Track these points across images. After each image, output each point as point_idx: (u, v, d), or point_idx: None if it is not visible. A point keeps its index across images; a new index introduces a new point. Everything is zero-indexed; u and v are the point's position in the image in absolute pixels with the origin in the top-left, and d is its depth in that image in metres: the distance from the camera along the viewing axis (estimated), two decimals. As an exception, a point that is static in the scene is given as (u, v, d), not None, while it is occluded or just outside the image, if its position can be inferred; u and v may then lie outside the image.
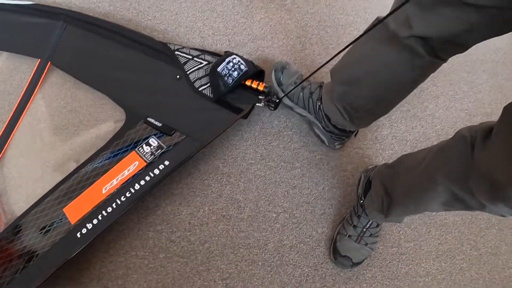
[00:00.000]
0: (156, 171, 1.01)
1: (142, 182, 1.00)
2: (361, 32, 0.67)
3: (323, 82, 1.11)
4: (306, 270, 1.08)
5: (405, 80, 0.82)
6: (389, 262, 1.13)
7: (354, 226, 1.06)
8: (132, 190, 0.99)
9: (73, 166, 1.10)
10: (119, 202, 0.98)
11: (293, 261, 1.09)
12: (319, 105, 1.07)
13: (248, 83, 1.14)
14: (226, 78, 1.11)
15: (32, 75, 1.23)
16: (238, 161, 1.18)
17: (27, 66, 1.26)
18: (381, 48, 0.77)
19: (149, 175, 1.01)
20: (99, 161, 1.06)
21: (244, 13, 1.38)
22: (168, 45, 1.20)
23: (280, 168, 1.18)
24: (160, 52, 1.20)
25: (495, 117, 1.33)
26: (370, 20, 1.42)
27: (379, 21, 0.69)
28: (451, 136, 0.79)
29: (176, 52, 1.19)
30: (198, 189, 1.13)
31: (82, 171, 1.05)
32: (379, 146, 1.25)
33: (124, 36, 1.23)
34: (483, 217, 1.24)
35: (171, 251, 1.06)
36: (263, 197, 1.14)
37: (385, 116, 1.24)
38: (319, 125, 1.13)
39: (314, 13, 1.42)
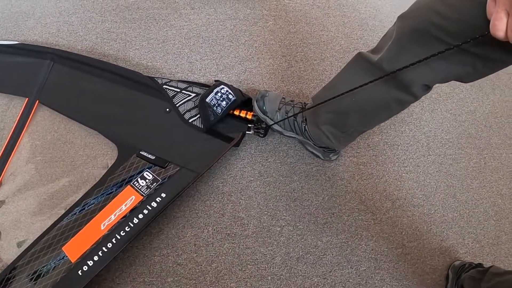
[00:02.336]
0: (154, 204, 1.04)
1: (141, 216, 1.03)
2: (343, 47, 0.75)
3: (305, 103, 1.17)
4: (316, 279, 1.12)
5: (393, 112, 0.91)
6: (396, 264, 1.18)
7: None
8: (131, 225, 1.02)
9: (71, 199, 1.12)
10: (119, 237, 1.00)
11: (301, 272, 1.12)
12: (304, 127, 1.13)
13: (236, 112, 1.21)
14: (215, 108, 1.16)
15: (20, 113, 1.27)
16: (237, 180, 1.22)
17: (15, 105, 1.30)
18: (370, 85, 0.82)
19: (147, 209, 1.04)
20: (95, 197, 1.09)
21: (229, 37, 1.47)
22: (156, 79, 1.26)
23: (279, 183, 1.23)
24: (148, 86, 1.25)
25: (479, 114, 1.45)
26: (350, 34, 1.53)
27: (386, 74, 0.74)
28: (440, 137, 0.86)
29: (164, 86, 1.25)
30: (200, 210, 1.17)
31: (78, 208, 1.08)
32: (372, 153, 1.32)
33: (112, 72, 1.28)
34: (480, 210, 1.31)
35: (179, 274, 1.09)
36: (265, 212, 1.18)
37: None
38: (310, 143, 1.20)
39: (296, 32, 1.51)
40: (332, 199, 1.23)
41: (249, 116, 1.21)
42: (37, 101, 1.27)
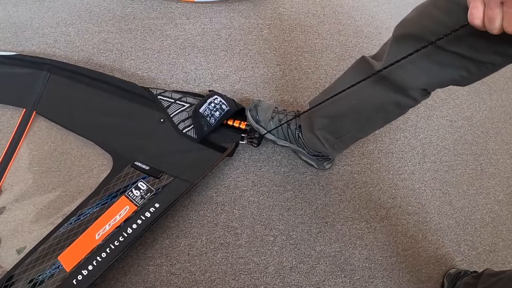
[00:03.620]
0: (148, 214, 1.07)
1: (134, 226, 1.05)
2: (338, 55, 0.77)
3: (298, 111, 1.20)
4: (309, 289, 1.14)
5: (391, 116, 0.92)
6: (390, 272, 1.19)
7: None
8: (125, 234, 1.04)
9: (68, 209, 1.15)
10: (112, 247, 1.02)
11: (294, 281, 1.14)
12: (298, 134, 1.15)
13: (230, 122, 1.24)
14: (208, 119, 1.19)
15: (18, 124, 1.30)
16: (231, 189, 1.24)
17: (13, 115, 1.33)
18: (369, 87, 0.85)
19: (141, 219, 1.06)
20: (90, 207, 1.12)
21: (223, 47, 1.49)
22: (151, 89, 1.29)
23: (272, 192, 1.25)
24: (142, 97, 1.28)
25: (475, 119, 1.45)
26: (345, 42, 1.55)
27: (375, 72, 0.76)
28: (435, 144, 0.87)
29: (159, 97, 1.28)
30: (194, 220, 1.19)
31: (74, 218, 1.10)
32: (366, 161, 1.33)
33: (107, 83, 1.31)
34: (476, 217, 1.32)
35: (173, 283, 1.11)
36: (259, 222, 1.20)
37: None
38: (304, 151, 1.22)
39: (290, 40, 1.53)
40: (326, 208, 1.24)
41: (242, 126, 1.23)
42: (34, 112, 1.30)
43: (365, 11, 1.67)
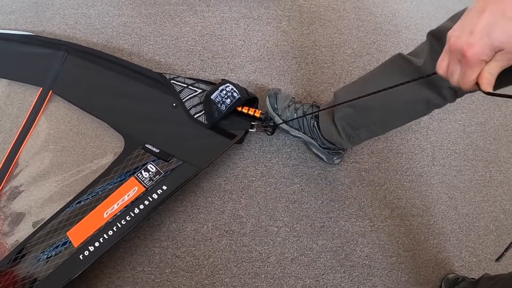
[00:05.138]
0: (155, 196, 1.11)
1: (142, 206, 1.10)
2: (355, 51, 0.79)
3: (314, 102, 1.24)
4: (308, 281, 1.18)
5: (417, 114, 0.96)
6: (389, 272, 1.23)
7: None
8: (132, 214, 1.09)
9: (80, 188, 1.21)
10: (119, 226, 1.08)
11: (294, 273, 1.19)
12: (313, 123, 1.19)
13: (245, 110, 1.26)
14: (219, 105, 1.22)
15: (34, 102, 1.36)
16: (239, 179, 1.29)
17: (31, 94, 1.40)
18: (403, 86, 0.87)
19: (148, 200, 1.11)
20: (100, 186, 1.17)
21: (242, 36, 1.52)
22: (164, 74, 1.33)
23: (280, 184, 1.29)
24: (156, 81, 1.32)
25: (489, 126, 1.47)
26: (363, 38, 1.57)
27: (422, 76, 0.74)
28: (446, 147, 0.90)
29: (172, 81, 1.31)
30: (201, 206, 1.25)
31: (84, 197, 1.16)
32: (375, 159, 1.36)
33: (123, 66, 1.36)
34: (481, 224, 1.34)
35: (177, 266, 1.17)
36: (264, 212, 1.25)
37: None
38: (315, 144, 1.25)
39: (309, 33, 1.56)
40: (331, 204, 1.28)
41: (257, 114, 1.26)
42: (51, 91, 1.36)
43: (386, 8, 1.67)
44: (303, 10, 1.61)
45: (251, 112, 1.26)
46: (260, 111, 1.26)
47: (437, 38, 0.79)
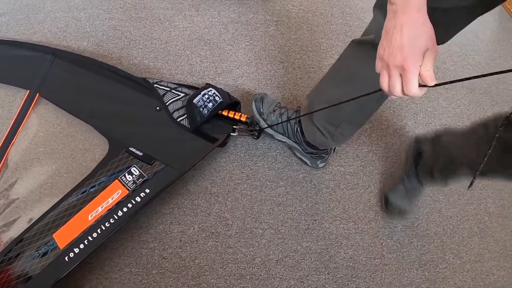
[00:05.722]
0: (138, 199, 1.14)
1: (125, 209, 1.13)
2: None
3: (299, 107, 1.28)
4: (292, 282, 1.21)
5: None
6: (373, 273, 1.26)
7: (404, 184, 1.25)
8: (116, 217, 1.12)
9: (68, 190, 1.23)
10: (103, 228, 1.11)
11: (279, 274, 1.22)
12: (297, 128, 1.24)
13: (230, 114, 1.30)
14: (201, 109, 1.25)
15: (21, 105, 1.38)
16: (225, 181, 1.32)
17: (21, 96, 1.41)
18: (364, 64, 0.93)
19: (131, 203, 1.14)
20: (85, 189, 1.20)
21: (230, 41, 1.56)
22: (148, 79, 1.36)
23: (265, 187, 1.32)
24: (140, 85, 1.36)
25: (472, 131, 1.49)
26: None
27: (370, 92, 0.79)
28: None
29: (155, 85, 1.35)
30: (188, 208, 1.28)
31: (69, 199, 1.19)
32: (360, 163, 1.40)
33: (109, 70, 1.39)
34: (465, 227, 1.38)
35: (164, 267, 1.20)
36: (250, 214, 1.28)
37: (366, 134, 1.41)
38: (299, 148, 1.30)
39: (296, 38, 1.59)
40: (316, 206, 1.31)
41: (243, 118, 1.29)
42: (38, 94, 1.39)
43: (374, 13, 1.71)
44: (291, 15, 1.65)
45: (237, 116, 1.29)
46: (246, 115, 1.29)
47: (379, 8, 0.86)
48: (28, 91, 1.40)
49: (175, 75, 1.47)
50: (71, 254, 1.08)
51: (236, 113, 1.30)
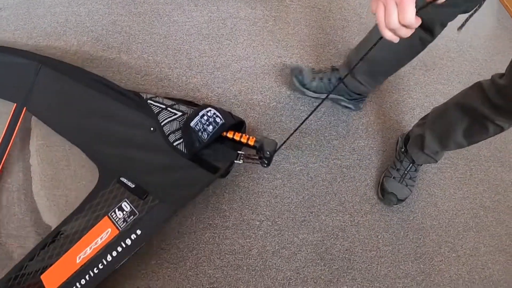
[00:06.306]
0: (128, 241, 1.03)
1: (114, 253, 1.02)
2: (340, 51, 0.87)
3: (333, 66, 1.46)
4: (288, 273, 1.24)
5: (417, 51, 1.23)
6: (368, 265, 1.29)
7: (398, 170, 1.38)
8: (105, 262, 1.01)
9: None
10: (92, 275, 1.00)
11: (275, 265, 1.24)
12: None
13: (236, 137, 1.15)
14: (200, 134, 1.11)
15: (8, 121, 1.24)
16: (223, 174, 1.35)
17: (4, 110, 1.29)
18: None
19: (121, 246, 1.03)
20: (73, 225, 1.09)
21: (228, 35, 1.58)
22: (141, 94, 1.25)
23: (262, 180, 1.35)
24: (133, 100, 1.23)
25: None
26: (348, 39, 1.63)
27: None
28: None
29: (149, 101, 1.22)
30: (186, 200, 1.30)
31: (57, 237, 1.08)
32: (356, 157, 1.43)
33: (98, 82, 1.26)
34: (461, 221, 1.41)
35: (162, 257, 1.22)
36: (247, 206, 1.31)
37: (363, 128, 1.44)
38: (344, 98, 1.48)
39: (294, 33, 1.62)
40: (312, 199, 1.34)
41: (251, 142, 1.13)
42: (25, 108, 1.24)
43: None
44: (289, 11, 1.67)
45: (243, 139, 1.14)
46: (254, 138, 1.13)
47: None
48: (15, 104, 1.25)
49: (174, 69, 1.49)
50: None
51: (243, 135, 1.14)
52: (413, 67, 1.71)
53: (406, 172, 1.36)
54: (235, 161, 1.18)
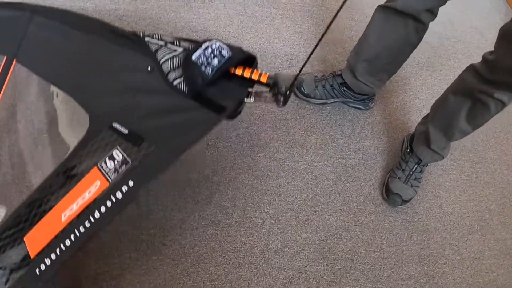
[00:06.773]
0: (119, 195, 0.89)
1: (103, 209, 0.89)
2: (346, 50, 0.86)
3: (334, 71, 1.49)
4: (291, 272, 1.24)
5: (414, 42, 1.26)
6: (372, 266, 1.28)
7: (403, 170, 1.38)
8: (92, 220, 0.88)
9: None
10: (77, 234, 0.88)
11: (278, 264, 1.24)
12: (343, 89, 1.46)
13: (247, 74, 0.97)
14: (203, 68, 0.94)
15: (-1, 74, 1.21)
16: (227, 171, 1.35)
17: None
18: (391, 25, 1.22)
19: (111, 200, 0.89)
20: (59, 180, 0.97)
21: (234, 33, 1.59)
22: (138, 32, 1.10)
23: (266, 177, 1.35)
24: (129, 40, 1.09)
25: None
26: (355, 38, 1.63)
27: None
28: None
29: (147, 38, 1.07)
30: (189, 196, 1.30)
31: (43, 192, 0.97)
32: (361, 156, 1.42)
33: (92, 23, 1.17)
34: (465, 223, 1.40)
35: (163, 253, 1.22)
36: (250, 204, 1.31)
37: (368, 128, 1.43)
38: (352, 100, 1.50)
39: (301, 32, 1.62)
40: (316, 198, 1.34)
41: (263, 79, 0.95)
42: (15, 60, 1.16)
43: (380, 9, 1.74)
44: (297, 9, 1.68)
45: (254, 75, 0.96)
46: (267, 74, 0.96)
47: None
48: (5, 57, 1.17)
49: (179, 65, 1.50)
50: (42, 266, 0.90)
51: (255, 70, 0.97)
52: (420, 68, 1.71)
53: (411, 172, 1.35)
54: (245, 100, 1.00)
